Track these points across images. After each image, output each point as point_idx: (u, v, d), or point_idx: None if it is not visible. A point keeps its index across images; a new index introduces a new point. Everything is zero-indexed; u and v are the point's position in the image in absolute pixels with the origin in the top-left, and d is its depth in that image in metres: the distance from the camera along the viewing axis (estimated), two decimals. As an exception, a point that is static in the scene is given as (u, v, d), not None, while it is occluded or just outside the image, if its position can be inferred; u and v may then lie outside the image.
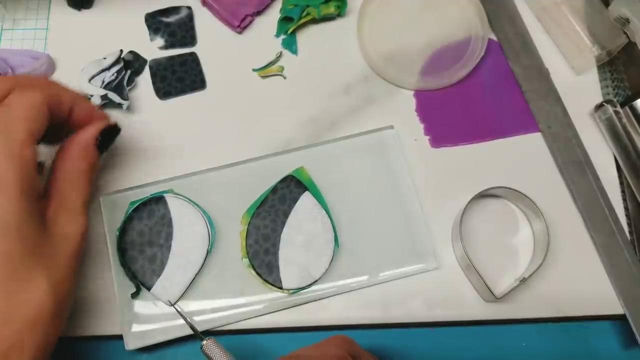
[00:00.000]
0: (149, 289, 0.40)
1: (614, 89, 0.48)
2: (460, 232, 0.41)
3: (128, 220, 0.41)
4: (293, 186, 0.42)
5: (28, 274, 0.30)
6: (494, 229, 0.44)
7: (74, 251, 0.34)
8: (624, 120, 0.45)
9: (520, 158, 0.46)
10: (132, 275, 0.40)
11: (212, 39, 0.48)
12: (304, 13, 0.47)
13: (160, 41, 0.48)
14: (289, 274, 0.41)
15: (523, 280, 0.40)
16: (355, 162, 0.44)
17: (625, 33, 0.46)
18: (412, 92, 0.47)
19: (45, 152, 0.39)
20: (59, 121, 0.35)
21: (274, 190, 0.42)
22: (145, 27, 0.48)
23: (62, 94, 0.35)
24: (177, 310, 0.39)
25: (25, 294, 0.30)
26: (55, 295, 0.31)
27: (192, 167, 0.43)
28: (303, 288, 0.41)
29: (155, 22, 0.48)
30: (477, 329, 0.42)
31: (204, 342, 0.36)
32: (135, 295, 0.39)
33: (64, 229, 0.33)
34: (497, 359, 0.42)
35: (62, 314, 0.33)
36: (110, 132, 0.38)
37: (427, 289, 0.42)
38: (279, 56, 0.48)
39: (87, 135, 0.36)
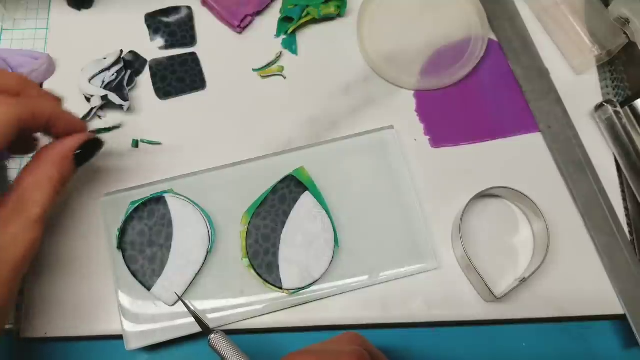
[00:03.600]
0: (149, 289, 0.40)
1: (614, 89, 0.48)
2: (460, 232, 0.41)
3: (128, 220, 0.41)
4: (293, 186, 0.42)
5: None
6: (494, 229, 0.44)
7: (19, 259, 0.32)
8: (624, 120, 0.45)
9: (520, 158, 0.46)
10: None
11: (212, 39, 0.48)
12: (304, 13, 0.47)
13: (160, 41, 0.48)
14: (289, 274, 0.41)
15: (523, 280, 0.40)
16: (355, 162, 0.44)
17: (625, 33, 0.47)
18: (412, 92, 0.47)
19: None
20: (33, 132, 0.35)
21: (274, 190, 0.42)
22: (145, 27, 0.48)
23: (38, 108, 0.33)
24: (184, 303, 0.39)
25: None
26: None
27: (192, 167, 0.43)
28: (303, 288, 0.41)
29: (155, 22, 0.48)
30: (477, 329, 0.42)
31: (212, 335, 0.36)
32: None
33: (13, 234, 0.32)
34: (497, 359, 0.42)
35: None
36: (93, 145, 0.37)
37: (427, 289, 0.42)
38: (279, 56, 0.48)
39: (65, 145, 0.35)
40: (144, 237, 0.41)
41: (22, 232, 0.32)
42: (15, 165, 0.44)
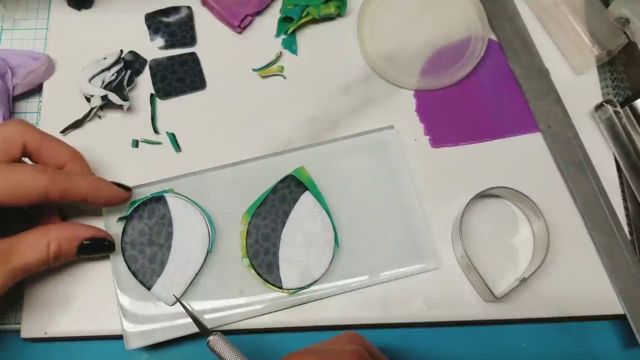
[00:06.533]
0: (149, 288, 0.40)
1: (614, 89, 0.48)
2: (460, 232, 0.41)
3: (128, 220, 0.41)
4: (293, 186, 0.42)
5: None
6: (494, 229, 0.44)
7: None
8: (624, 120, 0.45)
9: (520, 158, 0.46)
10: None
11: (212, 39, 0.48)
12: (304, 13, 0.47)
13: (160, 41, 0.48)
14: (289, 274, 0.41)
15: (523, 280, 0.40)
16: (355, 162, 0.44)
17: (625, 33, 0.47)
18: (412, 92, 0.47)
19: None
20: (68, 202, 0.37)
21: (274, 190, 0.42)
22: (145, 27, 0.48)
23: (72, 186, 0.36)
24: (182, 304, 0.39)
25: None
26: None
27: (192, 167, 0.43)
28: (303, 288, 0.41)
29: (155, 22, 0.48)
30: (477, 329, 0.42)
31: (211, 337, 0.36)
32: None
33: None
34: (497, 359, 0.42)
35: None
36: (102, 245, 0.39)
37: (427, 289, 0.42)
38: (279, 56, 0.48)
39: (77, 232, 0.37)
40: (144, 237, 0.41)
41: None
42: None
